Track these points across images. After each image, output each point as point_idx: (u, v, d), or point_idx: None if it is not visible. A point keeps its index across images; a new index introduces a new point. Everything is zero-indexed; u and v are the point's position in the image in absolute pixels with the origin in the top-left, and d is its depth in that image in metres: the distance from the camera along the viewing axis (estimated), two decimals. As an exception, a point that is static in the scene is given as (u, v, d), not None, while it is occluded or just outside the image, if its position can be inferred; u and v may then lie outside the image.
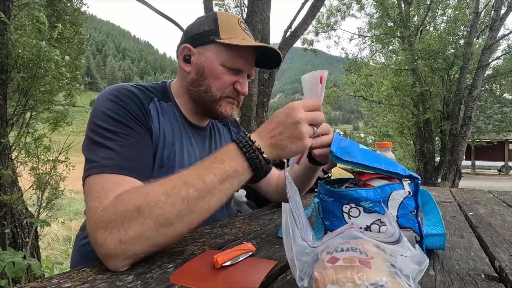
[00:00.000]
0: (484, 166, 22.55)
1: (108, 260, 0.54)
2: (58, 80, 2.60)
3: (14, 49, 2.29)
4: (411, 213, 0.57)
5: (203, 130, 0.94)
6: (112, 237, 0.54)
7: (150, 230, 0.55)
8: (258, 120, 4.21)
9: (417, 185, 0.57)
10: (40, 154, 2.68)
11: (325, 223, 0.62)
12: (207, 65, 0.82)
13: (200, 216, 0.59)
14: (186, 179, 0.58)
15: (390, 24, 10.11)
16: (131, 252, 0.54)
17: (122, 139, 0.68)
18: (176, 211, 0.56)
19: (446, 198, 1.44)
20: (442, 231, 0.61)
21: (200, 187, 0.57)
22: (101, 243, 0.54)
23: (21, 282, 2.04)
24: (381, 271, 0.34)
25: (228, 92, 0.84)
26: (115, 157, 0.65)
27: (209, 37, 0.81)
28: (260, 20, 3.90)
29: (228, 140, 1.05)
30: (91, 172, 0.63)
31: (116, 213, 0.55)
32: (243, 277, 0.50)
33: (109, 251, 0.53)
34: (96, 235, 0.55)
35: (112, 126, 0.68)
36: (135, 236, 0.54)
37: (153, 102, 0.81)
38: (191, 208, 0.57)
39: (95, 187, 0.61)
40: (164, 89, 0.88)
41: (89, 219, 0.57)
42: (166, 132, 0.81)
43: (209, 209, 0.59)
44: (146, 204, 0.55)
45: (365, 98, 11.85)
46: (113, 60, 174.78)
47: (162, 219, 0.55)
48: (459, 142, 7.93)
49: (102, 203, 0.57)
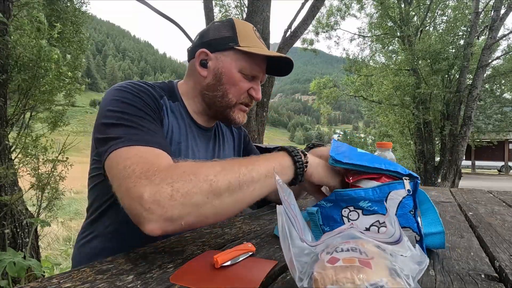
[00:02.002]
0: (484, 166, 22.55)
1: (150, 219, 0.52)
2: (59, 80, 2.60)
3: (14, 50, 2.29)
4: (409, 213, 0.57)
5: (208, 132, 0.95)
6: (162, 193, 0.52)
7: (202, 195, 0.54)
8: (258, 120, 4.21)
9: (416, 184, 0.57)
10: (39, 154, 2.68)
11: (325, 229, 0.62)
12: (225, 71, 0.83)
13: (246, 196, 0.59)
14: (240, 160, 0.62)
15: (390, 24, 10.11)
16: (177, 214, 0.53)
17: (141, 120, 0.67)
18: (228, 183, 0.57)
19: (446, 198, 1.44)
20: (441, 228, 0.61)
21: (251, 168, 0.60)
22: (148, 198, 0.51)
23: (21, 282, 2.04)
24: (381, 271, 0.34)
25: (243, 98, 0.87)
26: (141, 133, 0.64)
27: (228, 44, 0.82)
28: (260, 20, 3.90)
29: (230, 141, 1.06)
30: (118, 146, 0.60)
31: (172, 174, 0.55)
32: (243, 277, 0.50)
33: (154, 208, 0.51)
34: (143, 192, 0.52)
35: (128, 109, 0.68)
36: (186, 196, 0.53)
37: (163, 100, 0.82)
38: (240, 184, 0.58)
39: (131, 154, 0.59)
40: (171, 89, 0.89)
41: (134, 178, 0.54)
42: (174, 130, 0.83)
43: (253, 191, 0.60)
44: (202, 171, 0.56)
45: (365, 98, 11.86)
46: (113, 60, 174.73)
47: (215, 186, 0.56)
48: (459, 142, 7.93)
49: (153, 165, 0.56)
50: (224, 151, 1.01)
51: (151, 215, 0.52)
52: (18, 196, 2.38)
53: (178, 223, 0.54)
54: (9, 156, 2.48)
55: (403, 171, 0.58)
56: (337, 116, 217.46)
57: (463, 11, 9.28)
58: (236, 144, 1.09)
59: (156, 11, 4.67)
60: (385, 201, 0.57)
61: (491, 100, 12.14)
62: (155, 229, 0.53)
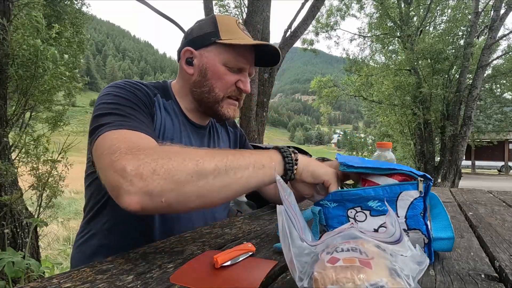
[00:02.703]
0: (484, 166, 22.54)
1: (129, 191, 0.51)
2: (57, 79, 2.60)
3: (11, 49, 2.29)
4: (420, 215, 0.56)
5: (202, 129, 0.96)
6: (145, 166, 0.51)
7: (186, 173, 0.54)
8: (258, 120, 4.21)
9: (428, 186, 0.56)
10: (40, 154, 2.68)
11: (330, 230, 0.61)
12: (210, 66, 0.84)
13: (230, 182, 0.58)
14: (227, 150, 0.64)
15: (390, 24, 10.11)
16: (158, 188, 0.51)
17: (133, 110, 0.70)
18: (214, 165, 0.57)
19: (446, 198, 1.44)
20: (451, 234, 0.60)
21: (238, 157, 0.61)
22: (129, 171, 0.51)
23: (20, 282, 2.04)
24: (381, 271, 0.34)
25: (231, 91, 0.86)
26: (129, 120, 0.65)
27: (210, 39, 0.83)
28: (260, 20, 3.90)
29: (225, 140, 1.07)
30: (106, 129, 0.61)
31: (158, 150, 0.56)
32: (243, 277, 0.50)
33: (135, 180, 0.50)
34: (126, 165, 0.51)
35: (120, 101, 0.70)
36: (170, 171, 0.52)
37: (156, 98, 0.84)
38: (227, 168, 0.58)
39: (118, 136, 0.59)
40: (165, 88, 0.90)
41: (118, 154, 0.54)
42: (166, 127, 0.84)
43: (240, 179, 0.59)
44: (189, 151, 0.58)
45: (365, 98, 11.86)
46: (113, 60, 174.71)
47: (200, 167, 0.55)
48: (459, 142, 7.93)
49: (139, 144, 0.57)
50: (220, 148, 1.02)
51: (131, 187, 0.51)
52: (18, 196, 2.38)
53: (158, 199, 0.52)
54: (9, 156, 2.48)
55: (418, 172, 0.57)
56: (337, 116, 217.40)
57: (463, 11, 9.28)
58: (232, 143, 1.09)
59: (156, 11, 4.67)
60: (396, 201, 0.56)
61: (491, 100, 12.14)
62: (133, 203, 0.51)
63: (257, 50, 0.88)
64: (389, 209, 0.42)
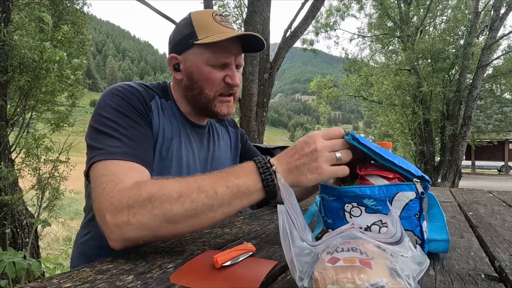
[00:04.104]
0: (484, 166, 22.53)
1: (110, 237, 0.58)
2: (61, 81, 2.61)
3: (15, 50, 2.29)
4: (414, 216, 0.56)
5: (202, 129, 0.97)
6: (120, 217, 0.57)
7: (155, 221, 0.58)
8: (258, 120, 4.21)
9: (426, 188, 0.55)
10: (41, 155, 2.68)
11: (328, 221, 0.62)
12: (194, 68, 0.84)
13: (204, 222, 0.61)
14: (200, 184, 0.60)
15: (390, 24, 10.11)
16: (134, 235, 0.58)
17: (126, 130, 0.71)
18: (184, 211, 0.58)
19: (446, 198, 1.44)
20: (446, 237, 0.59)
21: (211, 195, 0.59)
22: (109, 220, 0.58)
23: (21, 282, 2.04)
24: (381, 271, 0.34)
25: (221, 88, 0.86)
26: (121, 145, 0.68)
27: (189, 41, 0.83)
28: (260, 20, 3.90)
29: (226, 139, 1.07)
30: (99, 158, 0.66)
31: (130, 197, 0.58)
32: (243, 277, 0.50)
33: (114, 229, 0.57)
34: (106, 213, 0.58)
35: (116, 117, 0.72)
36: (141, 222, 0.57)
37: (154, 100, 0.84)
38: (197, 212, 0.59)
39: (106, 171, 0.64)
40: (164, 89, 0.91)
41: (101, 199, 0.60)
42: (165, 128, 0.84)
43: (214, 218, 0.61)
44: (158, 196, 0.58)
45: (365, 98, 11.85)
46: (113, 60, 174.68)
47: (169, 215, 0.58)
48: (459, 142, 7.93)
49: (118, 185, 0.61)
50: (220, 148, 1.02)
51: (112, 235, 0.58)
52: (19, 196, 2.38)
53: (136, 242, 0.59)
54: (9, 156, 2.48)
55: (416, 172, 0.56)
56: (337, 116, 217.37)
57: (463, 11, 9.28)
58: (233, 143, 1.09)
59: (156, 11, 4.67)
60: (392, 201, 0.55)
61: (491, 100, 12.14)
62: (116, 246, 0.59)
63: (241, 38, 0.86)
64: (391, 210, 0.42)
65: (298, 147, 0.63)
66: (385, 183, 0.57)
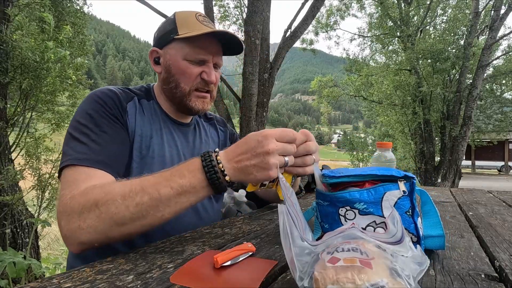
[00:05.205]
0: (484, 166, 22.52)
1: (66, 242, 0.63)
2: (62, 81, 2.61)
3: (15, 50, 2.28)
4: (406, 214, 0.57)
5: (186, 126, 0.98)
6: (73, 223, 0.61)
7: (105, 224, 0.61)
8: (258, 120, 4.21)
9: (412, 184, 0.57)
10: (41, 155, 2.68)
11: (325, 226, 0.62)
12: (172, 62, 0.87)
13: (153, 222, 0.63)
14: (144, 185, 0.62)
15: (390, 24, 10.10)
16: (86, 239, 0.61)
17: (96, 135, 0.74)
18: (130, 214, 0.61)
19: (446, 198, 1.43)
20: (441, 232, 0.61)
21: (155, 196, 0.61)
22: (63, 226, 0.62)
23: (21, 282, 2.04)
24: (382, 271, 0.34)
25: (196, 84, 0.89)
26: (88, 151, 0.71)
27: (170, 36, 0.86)
28: (260, 20, 3.90)
29: (214, 138, 1.09)
30: (66, 164, 0.70)
31: (79, 203, 0.62)
32: (243, 277, 0.50)
33: (68, 234, 0.62)
34: (61, 219, 0.63)
35: (89, 123, 0.75)
36: (91, 226, 0.61)
37: (133, 101, 0.87)
38: (143, 213, 0.61)
39: (69, 178, 0.69)
40: (147, 90, 0.95)
41: (58, 205, 0.65)
42: (144, 127, 0.86)
43: (162, 217, 0.63)
44: (104, 201, 0.61)
45: (365, 98, 11.85)
46: (113, 60, 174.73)
47: (117, 218, 0.60)
48: (459, 142, 7.93)
49: (72, 192, 0.65)
50: (208, 145, 1.04)
51: (67, 240, 0.63)
52: (19, 197, 2.38)
53: (91, 245, 0.62)
54: (9, 156, 2.48)
55: (398, 174, 0.58)
56: (337, 116, 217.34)
57: (463, 11, 9.27)
58: (222, 141, 1.11)
59: (156, 11, 4.67)
60: (381, 202, 0.56)
61: (491, 100, 12.13)
62: (73, 250, 0.63)
63: (222, 39, 0.89)
64: (392, 210, 0.42)
65: (250, 145, 0.63)
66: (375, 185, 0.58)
